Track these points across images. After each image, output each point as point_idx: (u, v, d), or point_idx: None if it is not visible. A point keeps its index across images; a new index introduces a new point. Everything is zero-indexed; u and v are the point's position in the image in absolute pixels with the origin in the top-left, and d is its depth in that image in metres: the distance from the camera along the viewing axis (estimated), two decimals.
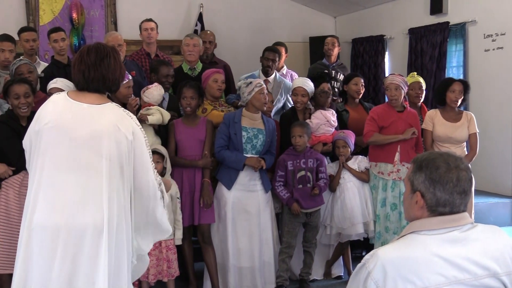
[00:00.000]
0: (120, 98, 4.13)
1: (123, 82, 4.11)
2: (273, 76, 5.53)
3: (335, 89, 6.00)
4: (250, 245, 4.40)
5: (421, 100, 5.15)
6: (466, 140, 4.84)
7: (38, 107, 2.70)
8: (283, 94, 5.46)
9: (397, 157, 4.66)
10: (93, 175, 2.51)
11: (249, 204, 4.39)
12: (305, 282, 4.62)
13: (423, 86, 5.11)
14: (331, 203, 4.75)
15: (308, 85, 4.83)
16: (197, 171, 4.30)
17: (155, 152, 4.07)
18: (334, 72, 6.34)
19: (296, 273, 4.72)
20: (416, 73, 5.39)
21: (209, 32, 6.04)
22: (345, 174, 4.73)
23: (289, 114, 4.92)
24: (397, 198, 4.62)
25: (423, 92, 5.14)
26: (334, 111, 4.93)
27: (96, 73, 2.57)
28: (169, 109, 4.56)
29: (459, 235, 1.75)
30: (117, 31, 7.76)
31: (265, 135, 4.38)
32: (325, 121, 4.78)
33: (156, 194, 2.71)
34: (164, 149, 4.22)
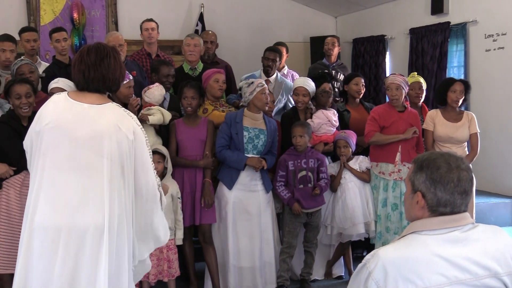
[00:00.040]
0: (121, 98, 4.13)
1: (124, 82, 4.12)
2: (274, 76, 5.52)
3: (336, 89, 6.00)
4: (251, 245, 4.40)
5: (421, 100, 5.15)
6: (467, 140, 4.83)
7: (39, 107, 2.69)
8: (284, 94, 5.46)
9: (398, 157, 4.65)
10: (94, 175, 2.51)
11: (250, 204, 4.39)
12: (306, 282, 4.62)
13: (423, 86, 5.11)
14: (332, 203, 4.75)
15: (309, 84, 4.83)
16: (198, 171, 4.30)
17: (156, 152, 4.07)
18: (334, 72, 6.34)
19: (297, 273, 4.72)
20: (417, 73, 5.39)
21: (210, 32, 6.03)
22: (346, 174, 4.73)
23: (290, 114, 4.91)
24: (398, 198, 4.62)
25: (423, 92, 5.13)
26: (335, 111, 4.94)
27: (96, 73, 2.57)
28: (170, 109, 4.56)
29: (460, 235, 1.75)
30: (118, 31, 7.78)
31: (266, 135, 4.38)
32: (326, 121, 4.78)
33: (155, 195, 2.70)
34: (165, 149, 4.22)
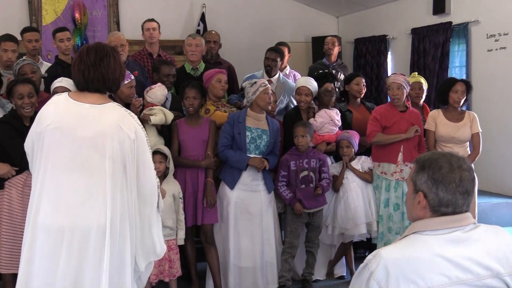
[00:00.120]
0: (122, 98, 4.13)
1: (125, 82, 4.12)
2: (276, 76, 5.52)
3: (336, 89, 5.99)
4: (252, 245, 4.40)
5: (421, 100, 5.14)
6: (469, 140, 4.82)
7: (41, 107, 2.69)
8: (285, 95, 5.45)
9: (400, 157, 4.65)
10: (96, 176, 2.51)
11: (251, 204, 4.38)
12: (307, 282, 4.62)
13: (423, 86, 5.10)
14: (334, 203, 4.74)
15: (312, 84, 4.83)
16: (200, 171, 4.30)
17: (158, 152, 4.07)
18: (334, 71, 6.34)
19: (299, 273, 4.71)
20: (418, 73, 5.38)
21: (214, 32, 6.02)
22: (348, 175, 4.72)
23: (293, 113, 4.91)
24: (400, 199, 4.61)
25: (424, 92, 5.12)
26: (338, 111, 4.93)
27: (96, 73, 2.57)
28: (172, 109, 4.56)
29: (461, 235, 1.75)
30: (119, 31, 7.80)
31: (269, 135, 4.38)
32: (329, 120, 4.77)
33: (153, 195, 2.68)
34: (167, 149, 4.22)
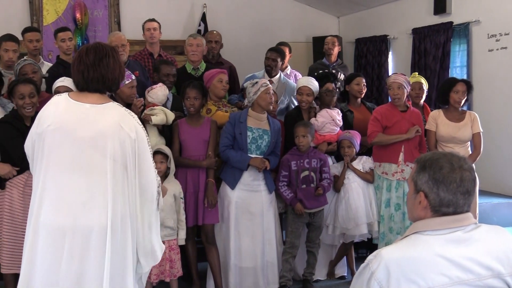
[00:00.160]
0: (123, 98, 4.13)
1: (126, 82, 4.12)
2: (277, 76, 5.52)
3: (337, 89, 5.99)
4: (253, 245, 4.40)
5: (421, 100, 5.13)
6: (470, 140, 4.80)
7: (42, 107, 2.70)
8: (286, 95, 5.45)
9: (401, 157, 4.65)
10: (97, 176, 2.51)
11: (252, 204, 4.38)
12: (308, 282, 4.62)
13: (423, 86, 5.09)
14: (335, 203, 4.74)
15: (313, 84, 4.83)
16: (201, 171, 4.30)
17: (159, 152, 4.07)
18: (334, 71, 6.33)
19: (300, 273, 4.72)
20: (418, 73, 5.38)
21: (215, 32, 6.00)
22: (349, 175, 4.72)
23: (294, 113, 4.91)
24: (401, 199, 4.61)
25: (424, 92, 5.12)
26: (339, 111, 4.93)
27: (95, 73, 2.57)
28: (173, 109, 4.55)
29: (462, 235, 1.75)
30: (120, 31, 7.79)
31: (270, 136, 4.38)
32: (330, 120, 4.77)
33: (153, 195, 2.68)
34: (168, 149, 4.22)
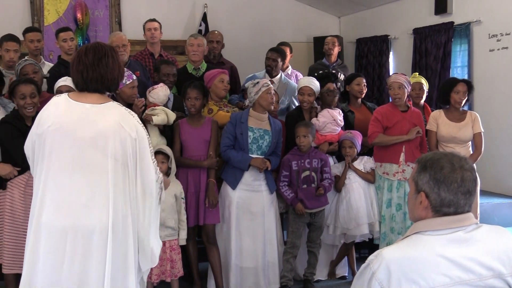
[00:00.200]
0: (124, 98, 4.13)
1: (127, 82, 4.13)
2: (278, 76, 5.52)
3: (337, 89, 5.99)
4: (254, 245, 4.40)
5: (421, 100, 5.12)
6: (471, 140, 4.80)
7: (43, 107, 2.70)
8: (287, 95, 5.44)
9: (402, 157, 4.64)
10: (98, 175, 2.51)
11: (253, 204, 4.38)
12: (309, 282, 4.61)
13: (424, 87, 5.08)
14: (336, 203, 4.74)
15: (315, 84, 4.83)
16: (202, 171, 4.30)
17: (160, 152, 4.07)
18: (334, 72, 6.32)
19: (300, 273, 4.71)
20: (420, 73, 5.37)
21: (216, 32, 6.00)
22: (350, 175, 4.71)
23: (295, 113, 4.91)
24: (402, 199, 4.60)
25: (424, 93, 5.11)
26: (340, 111, 4.93)
27: (94, 73, 2.57)
28: (174, 109, 4.55)
29: (463, 235, 1.75)
30: (121, 31, 7.78)
31: (271, 136, 4.38)
32: (331, 120, 4.77)
33: (151, 194, 2.67)
34: (169, 150, 4.22)
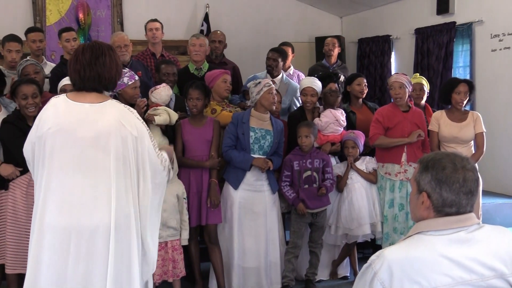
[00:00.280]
0: (126, 98, 4.13)
1: (129, 82, 4.13)
2: (279, 76, 5.52)
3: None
4: (256, 245, 4.40)
5: (422, 101, 5.11)
6: (472, 140, 4.79)
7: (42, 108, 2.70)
8: (288, 95, 5.44)
9: (404, 157, 4.64)
10: (100, 175, 2.52)
11: (255, 204, 4.38)
12: (311, 283, 4.61)
13: (424, 87, 5.06)
14: (338, 203, 4.73)
15: (317, 84, 4.83)
16: (204, 171, 4.29)
17: None
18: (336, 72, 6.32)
19: (302, 273, 4.71)
20: (421, 73, 5.37)
21: (219, 32, 6.00)
22: (352, 175, 4.71)
23: (297, 114, 4.91)
24: (404, 199, 4.60)
25: (425, 93, 5.09)
26: (343, 111, 4.93)
27: (91, 72, 2.57)
28: (176, 110, 4.56)
29: (465, 235, 1.75)
30: (123, 31, 7.80)
31: (272, 136, 4.37)
32: (334, 120, 4.77)
33: (162, 184, 2.79)
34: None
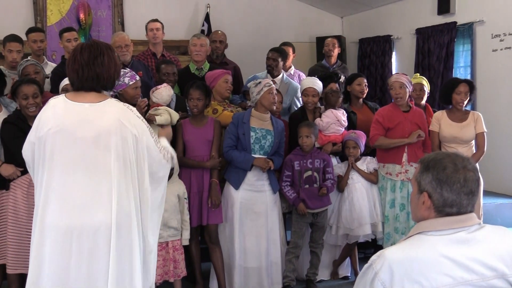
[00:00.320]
0: (127, 99, 4.13)
1: (130, 83, 4.13)
2: (280, 76, 5.52)
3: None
4: (257, 245, 4.40)
5: (422, 101, 5.10)
6: (473, 140, 4.78)
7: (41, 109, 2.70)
8: (288, 95, 5.43)
9: (404, 157, 4.64)
10: (102, 174, 2.52)
11: (256, 204, 4.38)
12: (311, 283, 4.61)
13: (424, 87, 5.05)
14: (338, 203, 4.73)
15: (318, 84, 4.84)
16: (205, 171, 4.29)
17: None
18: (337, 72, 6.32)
19: (303, 273, 4.71)
20: (422, 73, 5.36)
21: (220, 32, 6.00)
22: (353, 175, 4.71)
23: (299, 114, 4.91)
24: (405, 199, 4.60)
25: (425, 93, 5.08)
26: (344, 111, 4.92)
27: (90, 72, 2.57)
28: (176, 109, 4.56)
29: (466, 235, 1.75)
30: (124, 31, 7.80)
31: (273, 136, 4.37)
32: (335, 120, 4.77)
33: (165, 177, 2.83)
34: (172, 149, 4.20)
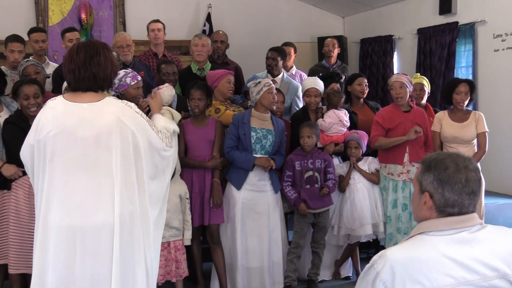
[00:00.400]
0: (129, 99, 4.11)
1: (132, 83, 4.14)
2: (280, 76, 5.52)
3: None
4: (259, 245, 4.39)
5: (422, 101, 5.09)
6: (474, 140, 4.76)
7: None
8: (289, 95, 5.42)
9: (406, 157, 4.64)
10: (103, 173, 2.52)
11: (258, 204, 4.37)
12: (313, 283, 4.61)
13: (425, 87, 5.04)
14: (340, 203, 4.73)
15: (320, 84, 4.84)
16: (207, 171, 4.29)
17: None
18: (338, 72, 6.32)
19: (305, 273, 4.71)
20: (424, 73, 5.35)
21: (221, 32, 6.01)
22: (355, 175, 4.71)
23: (300, 114, 4.91)
24: (407, 199, 4.60)
25: (425, 93, 5.07)
26: (346, 111, 4.92)
27: (86, 72, 2.56)
28: (177, 110, 4.55)
29: (468, 236, 1.75)
30: (125, 31, 7.80)
31: (274, 135, 4.37)
32: (337, 121, 4.77)
33: (169, 165, 2.83)
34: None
